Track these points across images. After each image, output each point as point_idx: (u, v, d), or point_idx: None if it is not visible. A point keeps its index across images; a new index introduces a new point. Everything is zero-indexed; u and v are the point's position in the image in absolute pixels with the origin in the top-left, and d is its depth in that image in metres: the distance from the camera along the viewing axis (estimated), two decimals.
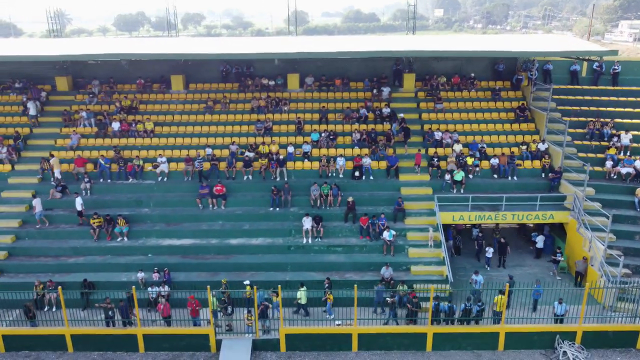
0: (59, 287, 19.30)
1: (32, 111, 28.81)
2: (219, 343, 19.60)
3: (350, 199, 24.31)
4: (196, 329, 19.78)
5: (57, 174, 26.11)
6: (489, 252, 24.21)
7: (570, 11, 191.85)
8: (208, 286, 19.10)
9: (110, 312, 19.74)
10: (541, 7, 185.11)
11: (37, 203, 24.33)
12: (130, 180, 26.30)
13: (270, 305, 19.90)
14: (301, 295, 20.42)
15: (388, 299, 20.24)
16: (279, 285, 19.94)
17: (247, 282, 21.06)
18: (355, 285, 19.15)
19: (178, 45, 32.05)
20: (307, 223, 23.54)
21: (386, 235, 23.07)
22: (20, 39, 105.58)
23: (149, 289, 21.38)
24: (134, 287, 19.55)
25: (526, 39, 41.55)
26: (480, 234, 24.41)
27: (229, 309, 20.49)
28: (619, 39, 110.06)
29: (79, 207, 24.20)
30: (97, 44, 36.67)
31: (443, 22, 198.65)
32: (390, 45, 29.39)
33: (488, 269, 24.24)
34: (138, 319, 19.38)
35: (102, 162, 26.11)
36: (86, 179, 25.71)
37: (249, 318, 19.57)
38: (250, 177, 26.19)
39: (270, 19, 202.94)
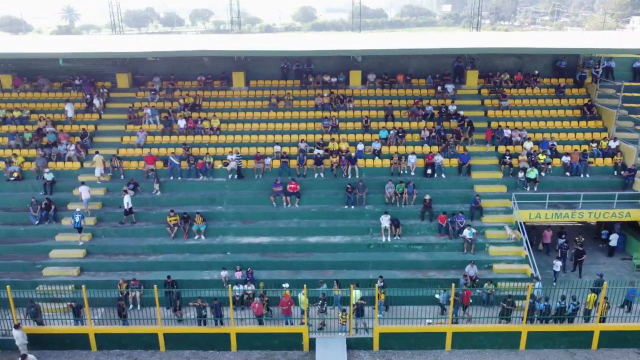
0: (155, 285, 19.17)
1: (69, 113, 28.57)
2: (311, 342, 19.57)
3: (427, 197, 24.20)
4: (290, 327, 19.72)
5: (98, 172, 25.82)
6: (557, 265, 22.81)
7: (577, 7, 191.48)
8: (305, 285, 19.04)
9: (203, 311, 19.70)
10: (549, 3, 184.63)
11: (83, 190, 24.28)
12: (201, 177, 26.19)
13: (365, 303, 19.83)
14: (355, 295, 20.09)
15: (437, 295, 20.32)
16: (335, 280, 20.78)
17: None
18: (453, 284, 19.14)
19: (240, 42, 31.89)
20: (385, 221, 23.45)
21: (467, 233, 22.98)
22: (30, 35, 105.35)
23: (235, 287, 21.29)
24: (230, 286, 19.62)
25: (589, 35, 41.39)
26: (565, 244, 23.71)
27: (323, 308, 20.40)
28: None
29: (126, 206, 23.96)
30: (157, 40, 36.59)
31: (451, 18, 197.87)
32: (456, 42, 29.26)
33: (554, 284, 22.36)
34: (232, 318, 19.31)
35: (173, 159, 25.96)
36: (153, 177, 25.54)
37: (343, 317, 19.51)
38: (321, 174, 26.07)
39: (278, 15, 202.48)
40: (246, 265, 22.22)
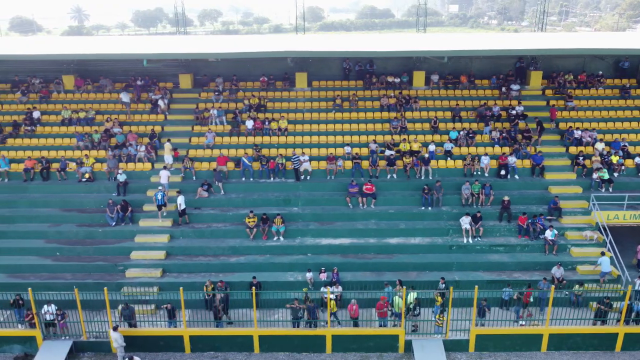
0: (253, 287, 19.11)
1: (124, 98, 28.77)
2: (407, 344, 19.50)
3: (506, 198, 24.12)
4: (386, 329, 19.62)
5: (169, 160, 26.11)
6: (638, 284, 21.33)
7: (584, 7, 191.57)
8: (404, 287, 18.97)
9: (299, 313, 19.61)
10: (555, 3, 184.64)
11: (162, 174, 24.87)
12: (273, 179, 26.10)
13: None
14: (411, 298, 20.11)
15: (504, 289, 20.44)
16: (398, 279, 20.81)
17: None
18: (553, 287, 19.09)
19: (302, 42, 31.82)
20: (466, 222, 23.38)
21: (549, 234, 22.91)
22: (41, 36, 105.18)
23: (323, 289, 21.18)
24: (329, 288, 19.51)
25: None
26: None
27: (417, 310, 20.32)
28: None
29: (179, 207, 23.79)
30: (220, 40, 36.57)
31: (459, 18, 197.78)
32: (519, 42, 29.20)
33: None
34: (329, 320, 19.23)
35: (246, 160, 25.87)
36: (218, 178, 25.44)
37: (440, 319, 19.43)
38: (394, 175, 25.98)
39: (286, 15, 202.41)
40: (329, 267, 22.13)
